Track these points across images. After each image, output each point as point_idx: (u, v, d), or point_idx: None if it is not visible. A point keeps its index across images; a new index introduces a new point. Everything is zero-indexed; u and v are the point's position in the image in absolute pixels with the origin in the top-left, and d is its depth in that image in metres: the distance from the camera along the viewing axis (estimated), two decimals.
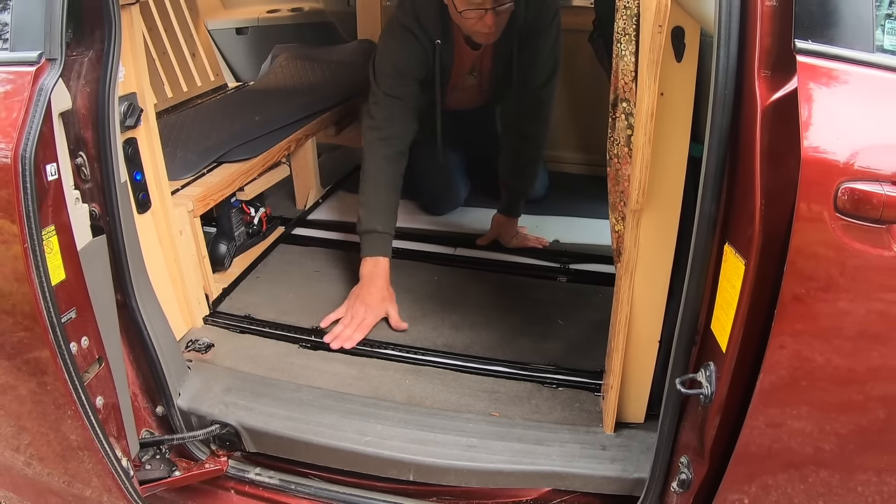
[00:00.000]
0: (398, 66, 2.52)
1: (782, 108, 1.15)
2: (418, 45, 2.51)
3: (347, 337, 2.25)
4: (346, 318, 2.33)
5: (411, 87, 2.54)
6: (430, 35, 2.49)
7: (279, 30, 4.17)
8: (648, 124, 1.41)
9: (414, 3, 2.50)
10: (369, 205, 2.49)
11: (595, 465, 1.76)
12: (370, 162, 2.53)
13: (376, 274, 2.41)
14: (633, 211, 1.56)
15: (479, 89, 2.88)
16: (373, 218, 2.47)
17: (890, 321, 1.16)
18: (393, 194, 2.53)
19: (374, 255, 2.44)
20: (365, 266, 2.44)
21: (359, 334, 2.27)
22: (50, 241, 1.46)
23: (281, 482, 1.92)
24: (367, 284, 2.40)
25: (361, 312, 2.32)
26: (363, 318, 2.31)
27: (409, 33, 2.50)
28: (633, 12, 1.45)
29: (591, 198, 3.14)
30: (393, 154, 2.52)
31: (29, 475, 1.78)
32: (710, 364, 1.37)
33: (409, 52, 2.52)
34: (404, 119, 2.54)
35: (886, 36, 1.18)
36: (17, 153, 1.36)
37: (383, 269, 2.43)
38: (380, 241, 2.46)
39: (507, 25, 2.48)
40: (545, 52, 2.62)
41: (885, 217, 1.11)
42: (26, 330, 1.49)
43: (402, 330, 2.33)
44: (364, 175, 2.53)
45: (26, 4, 1.45)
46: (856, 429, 1.26)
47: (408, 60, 2.52)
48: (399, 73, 2.51)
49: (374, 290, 2.38)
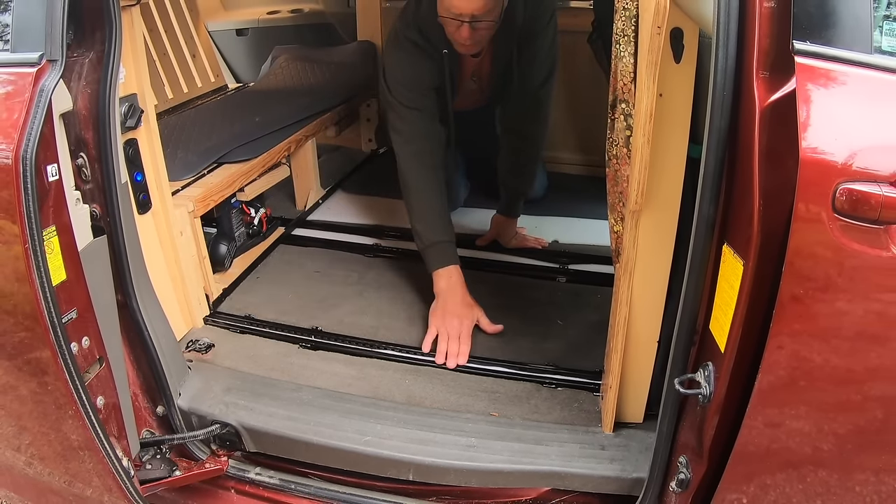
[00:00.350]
0: (414, 78, 2.50)
1: (781, 109, 1.15)
2: (427, 56, 2.50)
3: (455, 352, 2.18)
4: (443, 335, 2.24)
5: (429, 96, 2.53)
6: (436, 45, 2.48)
7: (279, 31, 4.16)
8: (647, 125, 1.40)
9: (416, 15, 2.49)
10: (424, 217, 2.45)
11: (594, 465, 1.76)
12: (412, 175, 2.48)
13: (454, 284, 2.36)
14: (632, 211, 1.56)
15: (479, 92, 2.87)
16: (433, 229, 2.43)
17: (888, 321, 1.16)
18: (444, 202, 2.49)
19: (446, 266, 2.38)
20: (440, 279, 2.37)
21: (465, 346, 2.20)
22: (51, 241, 1.46)
23: (281, 482, 1.92)
24: (448, 298, 2.34)
25: (456, 325, 2.25)
26: (459, 330, 2.24)
27: (416, 46, 2.49)
28: (631, 13, 1.45)
29: (590, 198, 3.13)
30: (432, 164, 2.49)
31: (30, 475, 1.78)
32: (708, 364, 1.37)
33: (420, 64, 2.51)
34: (430, 129, 2.52)
35: (884, 37, 1.18)
36: (18, 154, 1.35)
37: (459, 278, 2.38)
38: (447, 251, 2.41)
39: (505, 29, 2.47)
40: (543, 53, 2.61)
41: (883, 218, 1.10)
42: (27, 330, 1.49)
43: (496, 332, 2.30)
44: (408, 190, 2.48)
45: (27, 6, 1.45)
46: (854, 429, 1.26)
47: (421, 72, 2.51)
48: (416, 84, 2.49)
49: (458, 300, 2.33)
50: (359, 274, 2.66)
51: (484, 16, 2.27)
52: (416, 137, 2.49)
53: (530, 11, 2.51)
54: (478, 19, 2.28)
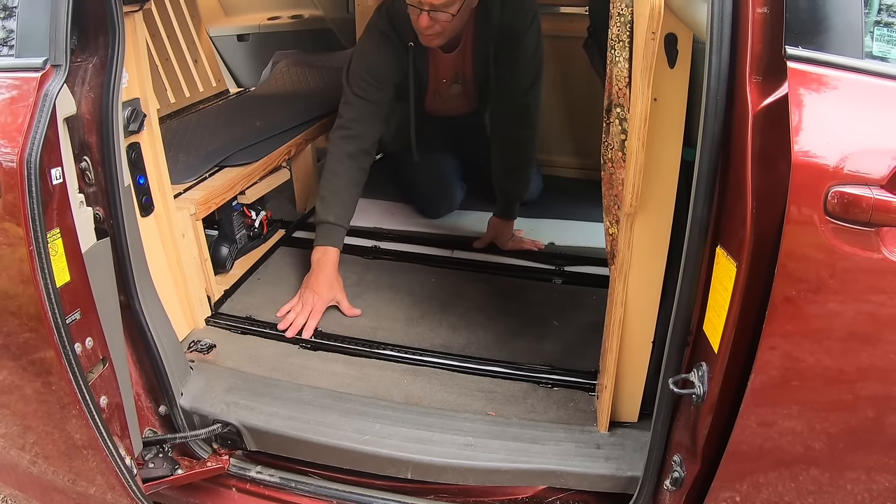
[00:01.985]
0: (372, 68, 2.53)
1: (773, 114, 1.15)
2: (392, 47, 2.53)
3: (300, 325, 2.30)
4: (297, 306, 2.38)
5: (384, 90, 2.56)
6: (404, 38, 2.51)
7: (279, 36, 4.16)
8: (642, 129, 1.40)
9: (389, 8, 2.52)
10: (325, 198, 2.52)
11: (589, 464, 1.76)
12: (332, 158, 2.55)
13: (325, 262, 2.45)
14: (627, 214, 1.56)
15: (465, 96, 2.88)
16: (327, 210, 2.50)
17: (879, 322, 1.16)
18: (351, 188, 2.56)
19: (325, 245, 2.48)
20: (315, 254, 2.48)
21: (312, 321, 2.31)
22: (55, 243, 1.45)
23: (281, 480, 1.92)
24: (315, 273, 2.44)
25: (311, 300, 2.37)
26: (312, 304, 2.35)
27: (384, 36, 2.53)
28: (626, 19, 1.45)
29: (585, 201, 3.13)
30: (355, 150, 2.54)
31: (34, 473, 1.78)
32: (702, 364, 1.37)
33: (383, 54, 2.54)
34: (372, 121, 2.57)
35: (875, 42, 1.18)
36: (22, 157, 1.35)
37: (332, 258, 2.46)
38: (331, 232, 2.49)
39: (481, 28, 2.49)
40: (527, 57, 2.61)
41: (875, 220, 1.11)
42: (32, 331, 1.49)
43: (354, 315, 2.39)
44: (325, 171, 2.56)
45: (32, 11, 1.45)
46: (845, 428, 1.26)
47: (383, 63, 2.54)
48: (373, 76, 2.53)
49: (322, 277, 2.42)
50: (358, 276, 2.66)
51: (443, 6, 2.31)
52: (352, 124, 2.54)
53: (509, 13, 2.52)
54: (436, 9, 2.31)
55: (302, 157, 3.14)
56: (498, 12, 2.49)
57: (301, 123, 3.03)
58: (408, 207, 3.17)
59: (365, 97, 2.53)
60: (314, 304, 2.36)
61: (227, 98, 3.47)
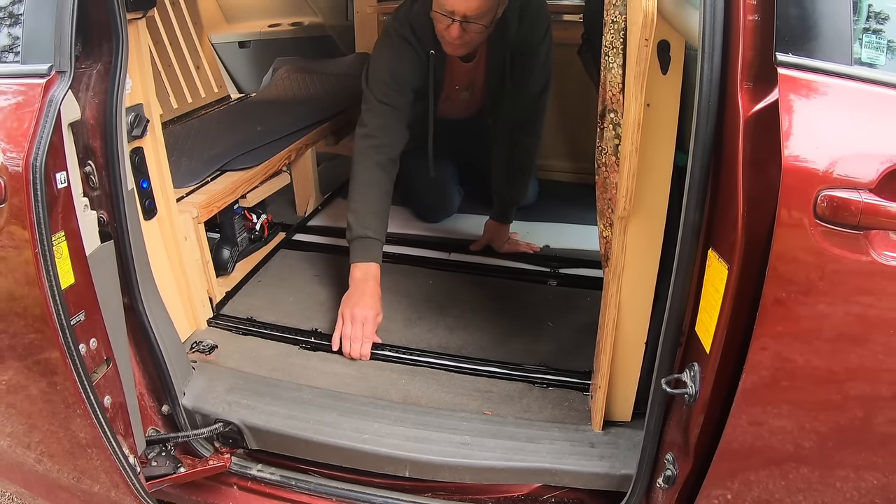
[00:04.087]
0: (394, 74, 2.46)
1: (764, 119, 1.16)
2: (414, 54, 2.48)
3: (358, 351, 2.17)
4: (347, 330, 2.21)
5: (406, 95, 2.49)
6: (425, 45, 2.47)
7: (280, 43, 4.16)
8: (635, 134, 1.41)
9: (409, 13, 2.48)
10: (358, 211, 2.38)
11: (584, 462, 1.75)
12: (361, 168, 2.41)
13: (368, 279, 2.31)
14: (621, 217, 1.56)
15: (471, 101, 2.87)
16: (363, 224, 2.35)
17: (867, 323, 1.17)
18: (384, 201, 2.42)
19: (365, 261, 2.33)
20: (356, 272, 2.32)
21: (367, 344, 2.18)
22: (60, 246, 1.45)
23: (282, 478, 1.91)
24: (360, 292, 2.28)
25: (359, 330, 2.20)
26: (360, 333, 2.20)
27: (405, 42, 2.47)
28: (620, 26, 1.45)
29: (580, 205, 3.12)
30: (385, 161, 2.42)
31: (40, 471, 1.78)
32: (694, 365, 1.37)
33: (405, 60, 2.49)
34: (397, 127, 2.46)
35: (864, 49, 1.18)
36: (28, 162, 1.35)
37: (374, 275, 2.32)
38: (370, 247, 2.34)
39: (498, 40, 2.47)
40: (538, 67, 2.60)
41: (863, 223, 1.11)
42: (37, 332, 1.48)
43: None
44: (354, 182, 2.42)
45: (37, 19, 1.45)
46: (835, 427, 1.26)
47: (404, 69, 2.48)
48: (395, 81, 2.45)
49: (367, 299, 2.27)
50: None
51: (476, 18, 2.27)
52: (379, 133, 2.42)
53: (526, 27, 2.51)
54: (469, 20, 2.27)
55: (302, 162, 3.14)
56: (515, 24, 2.48)
57: (301, 128, 3.03)
58: (406, 211, 3.17)
59: (389, 103, 2.43)
60: (365, 332, 2.20)
61: (228, 103, 3.47)
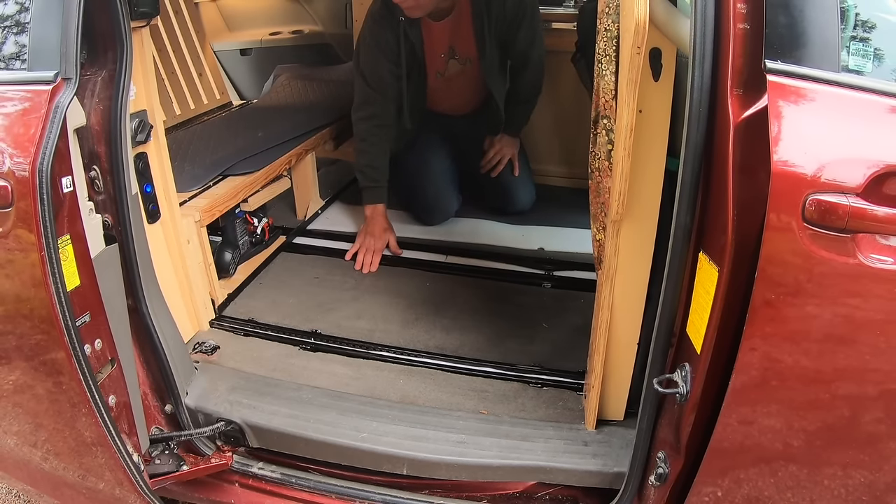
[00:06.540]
0: (374, 51, 2.73)
1: (753, 125, 1.16)
2: (389, 26, 2.67)
3: (368, 262, 2.73)
4: (361, 248, 2.78)
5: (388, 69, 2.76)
6: (395, 14, 2.62)
7: (281, 51, 4.16)
8: (628, 140, 1.41)
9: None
10: (363, 171, 2.87)
11: (577, 460, 1.75)
12: (358, 136, 2.87)
13: (376, 214, 2.85)
14: (614, 221, 1.56)
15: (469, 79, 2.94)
16: (368, 178, 2.86)
17: (854, 325, 1.17)
18: (382, 157, 2.88)
19: (373, 203, 2.86)
20: (367, 210, 2.87)
21: (376, 258, 2.76)
22: (65, 249, 1.45)
23: (282, 476, 1.91)
24: (371, 223, 2.84)
25: (371, 242, 2.78)
26: (374, 246, 2.78)
27: (380, 17, 2.68)
28: (613, 34, 1.45)
29: (574, 209, 3.13)
30: (378, 124, 2.83)
31: (46, 469, 1.77)
32: (685, 365, 1.37)
33: (381, 36, 2.69)
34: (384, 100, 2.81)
35: (851, 56, 1.19)
36: (34, 167, 1.35)
37: (381, 211, 2.86)
38: (378, 192, 2.87)
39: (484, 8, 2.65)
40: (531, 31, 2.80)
41: (850, 227, 1.11)
42: (43, 333, 1.48)
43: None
44: (356, 149, 2.89)
45: (43, 27, 1.44)
46: (823, 426, 1.26)
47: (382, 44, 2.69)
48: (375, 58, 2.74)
49: (376, 227, 2.82)
50: (356, 280, 2.65)
51: None
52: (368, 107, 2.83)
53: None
54: None
55: (302, 167, 3.14)
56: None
57: (301, 134, 3.04)
58: (404, 214, 3.16)
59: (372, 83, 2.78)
60: (374, 245, 2.78)
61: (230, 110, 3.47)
